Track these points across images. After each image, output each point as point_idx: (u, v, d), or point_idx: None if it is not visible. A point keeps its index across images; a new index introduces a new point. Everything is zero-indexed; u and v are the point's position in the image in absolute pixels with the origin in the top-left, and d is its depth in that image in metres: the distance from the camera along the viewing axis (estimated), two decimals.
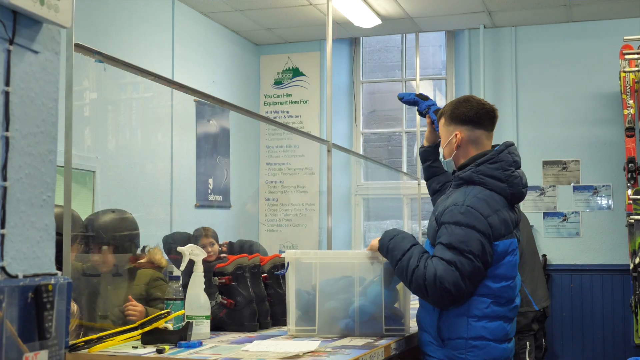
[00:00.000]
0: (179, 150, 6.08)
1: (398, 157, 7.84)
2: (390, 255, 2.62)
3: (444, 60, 7.68)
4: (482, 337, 2.55)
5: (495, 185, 2.63)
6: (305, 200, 7.45)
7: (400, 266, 2.57)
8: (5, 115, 1.52)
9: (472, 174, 2.65)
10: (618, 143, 6.58)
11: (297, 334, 2.67)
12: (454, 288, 2.46)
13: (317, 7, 6.51)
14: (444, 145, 2.79)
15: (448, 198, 2.67)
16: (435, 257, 2.51)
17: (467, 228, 2.51)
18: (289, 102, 7.64)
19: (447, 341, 2.57)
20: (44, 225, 1.62)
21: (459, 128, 2.73)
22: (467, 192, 2.61)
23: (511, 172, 2.66)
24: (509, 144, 2.74)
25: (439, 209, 2.64)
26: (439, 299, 2.51)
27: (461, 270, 2.47)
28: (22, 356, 1.50)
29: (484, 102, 2.78)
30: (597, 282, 6.69)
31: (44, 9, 1.58)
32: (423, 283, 2.49)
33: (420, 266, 2.50)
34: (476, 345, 2.55)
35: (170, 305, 2.57)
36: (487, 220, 2.53)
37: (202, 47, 6.72)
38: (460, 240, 2.49)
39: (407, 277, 2.54)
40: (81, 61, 2.47)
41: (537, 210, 6.85)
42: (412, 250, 2.57)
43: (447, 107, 2.81)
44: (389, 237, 2.66)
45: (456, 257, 2.48)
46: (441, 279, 2.45)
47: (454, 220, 2.52)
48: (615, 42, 6.23)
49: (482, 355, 2.55)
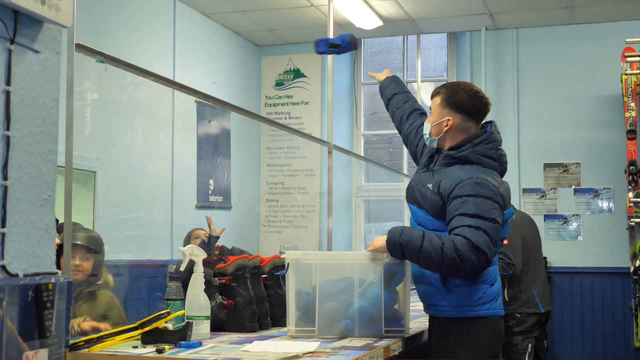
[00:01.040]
0: (179, 150, 6.08)
1: (399, 159, 7.84)
2: (408, 248, 2.61)
3: (445, 62, 7.68)
4: (484, 282, 2.71)
5: (489, 164, 2.76)
6: (306, 201, 7.45)
7: (424, 252, 2.58)
8: (6, 115, 1.52)
9: (469, 154, 2.74)
10: (619, 146, 6.57)
11: (297, 335, 2.67)
12: (489, 250, 2.56)
13: (319, 9, 6.52)
14: (434, 124, 2.84)
15: (443, 174, 2.73)
16: (461, 226, 2.57)
17: (486, 199, 2.61)
18: (290, 104, 7.64)
19: (454, 288, 2.68)
20: (44, 224, 1.63)
21: (452, 114, 2.81)
22: (472, 169, 2.71)
23: (501, 151, 2.83)
24: (494, 123, 2.88)
25: (443, 184, 2.69)
26: (476, 266, 2.57)
27: (490, 235, 2.57)
28: (22, 355, 1.50)
29: (482, 94, 2.86)
30: (597, 285, 6.68)
31: (45, 9, 1.58)
32: (456, 255, 2.53)
33: (446, 241, 2.55)
34: (480, 289, 2.70)
35: (170, 305, 2.57)
36: (499, 191, 2.67)
37: (203, 48, 6.72)
38: (483, 209, 2.59)
39: (436, 258, 2.56)
40: (82, 61, 2.47)
41: (538, 213, 6.84)
42: (427, 234, 2.61)
43: (445, 88, 2.86)
44: (398, 233, 2.65)
45: (483, 223, 2.57)
46: (476, 244, 2.53)
47: (474, 192, 2.62)
48: (617, 44, 6.23)
49: (486, 297, 2.70)
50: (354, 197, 7.69)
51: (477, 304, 2.67)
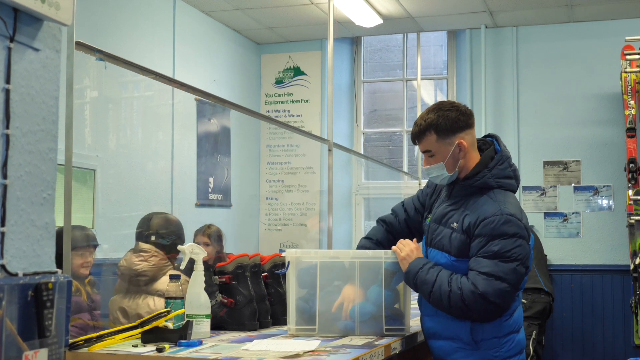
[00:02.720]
0: (179, 149, 6.07)
1: (399, 157, 7.83)
2: (420, 289, 2.60)
3: (445, 60, 7.67)
4: (511, 332, 2.61)
5: (509, 184, 2.66)
6: (306, 199, 7.45)
7: (434, 297, 2.55)
8: (5, 113, 1.52)
9: (487, 179, 2.62)
10: (619, 143, 6.57)
11: (297, 333, 2.66)
12: (500, 299, 2.47)
13: (319, 6, 6.51)
14: (447, 159, 2.63)
15: (466, 207, 2.60)
16: (475, 272, 2.49)
17: (513, 237, 2.50)
18: (289, 101, 7.64)
19: (481, 342, 2.57)
20: (44, 223, 1.62)
21: (459, 136, 2.64)
22: (496, 199, 2.58)
23: (514, 166, 2.72)
24: (498, 137, 2.76)
25: (467, 220, 2.56)
26: (485, 314, 2.51)
27: (507, 280, 2.47)
28: (22, 354, 1.50)
29: (458, 103, 2.72)
30: (597, 283, 6.68)
31: (44, 7, 1.57)
32: (462, 304, 2.48)
33: (454, 288, 2.49)
34: (507, 340, 2.60)
35: (171, 303, 2.57)
36: (522, 224, 2.55)
37: (203, 46, 6.71)
38: (508, 250, 2.48)
39: (445, 304, 2.52)
40: (82, 59, 2.46)
41: (538, 211, 6.84)
42: (440, 278, 2.54)
43: (431, 123, 2.63)
44: (415, 272, 2.59)
45: (501, 268, 2.46)
46: (484, 294, 2.45)
47: (500, 232, 2.49)
48: (617, 42, 6.23)
49: (514, 349, 2.61)
50: (354, 195, 7.68)
51: (504, 357, 2.59)
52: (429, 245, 2.71)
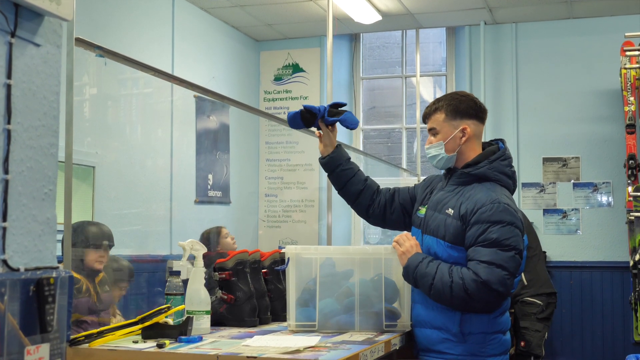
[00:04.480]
0: (178, 145, 6.07)
1: (398, 154, 7.84)
2: (420, 283, 2.59)
3: (444, 56, 7.67)
4: (499, 331, 2.63)
5: (505, 181, 2.69)
6: (305, 196, 7.45)
7: (435, 289, 2.54)
8: (7, 108, 1.52)
9: (487, 170, 2.65)
10: (618, 140, 6.57)
11: (297, 329, 2.66)
12: (503, 287, 2.48)
13: (317, 3, 6.50)
14: (447, 140, 2.69)
15: (462, 195, 2.63)
16: (475, 261, 2.50)
17: (509, 225, 2.52)
18: (288, 98, 7.64)
19: (468, 336, 2.58)
20: (45, 218, 1.62)
21: (466, 122, 2.70)
22: (492, 189, 2.61)
23: (513, 169, 2.76)
24: (504, 141, 2.80)
25: (464, 207, 2.58)
26: (487, 303, 2.52)
27: (507, 268, 2.49)
28: (23, 349, 1.50)
29: (476, 97, 2.80)
30: (596, 279, 6.69)
31: (45, 2, 1.57)
32: (465, 294, 2.48)
33: (456, 279, 2.49)
34: (494, 337, 2.61)
35: (171, 300, 2.57)
36: (518, 216, 2.59)
37: (202, 43, 6.71)
38: (506, 238, 2.50)
39: (447, 295, 2.52)
40: (82, 56, 2.46)
41: (537, 207, 6.85)
42: (440, 270, 2.54)
43: (445, 101, 2.72)
44: (414, 265, 2.60)
45: (501, 256, 2.48)
46: (487, 282, 2.46)
47: (497, 219, 2.52)
48: (616, 38, 6.23)
49: (499, 347, 2.63)
50: None
51: (489, 354, 2.60)
52: (424, 232, 2.71)
